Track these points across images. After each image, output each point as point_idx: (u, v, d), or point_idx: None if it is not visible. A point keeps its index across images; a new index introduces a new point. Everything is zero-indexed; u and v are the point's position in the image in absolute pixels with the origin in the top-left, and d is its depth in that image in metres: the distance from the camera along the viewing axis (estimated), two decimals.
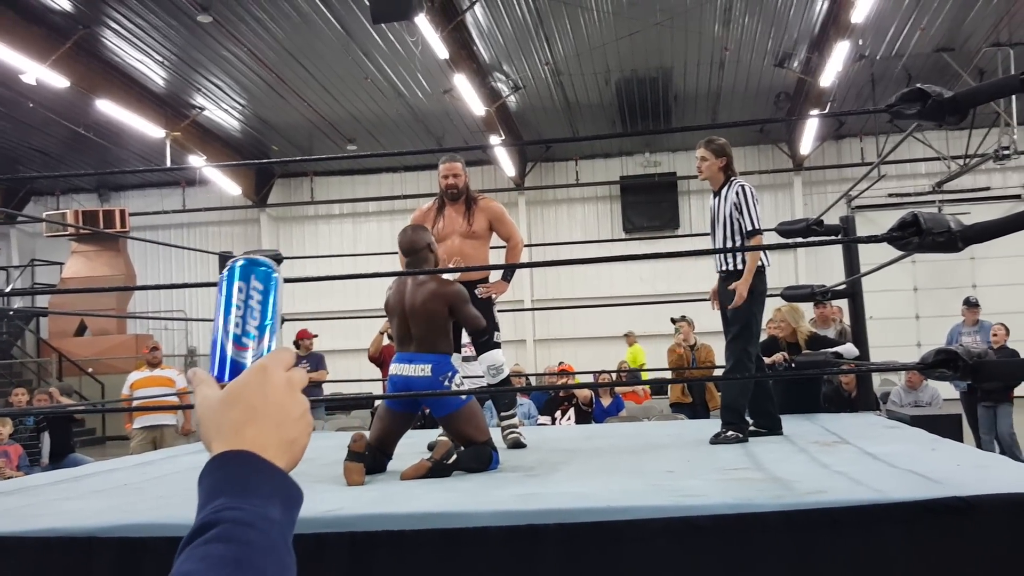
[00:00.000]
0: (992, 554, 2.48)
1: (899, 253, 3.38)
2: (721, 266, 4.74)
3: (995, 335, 8.91)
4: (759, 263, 4.57)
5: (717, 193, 4.74)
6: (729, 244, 4.65)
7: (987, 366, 2.88)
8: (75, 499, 3.47)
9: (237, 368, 0.86)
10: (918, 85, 2.88)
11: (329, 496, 3.14)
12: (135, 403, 8.14)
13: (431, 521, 2.70)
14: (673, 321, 8.49)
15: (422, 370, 3.87)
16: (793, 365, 5.82)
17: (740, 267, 4.61)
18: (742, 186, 4.62)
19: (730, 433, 4.40)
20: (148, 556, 2.68)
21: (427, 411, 5.51)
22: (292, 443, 0.83)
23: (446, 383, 3.86)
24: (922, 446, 3.92)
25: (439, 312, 3.92)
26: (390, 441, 3.97)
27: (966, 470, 3.12)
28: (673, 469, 3.49)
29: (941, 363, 2.87)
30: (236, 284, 0.88)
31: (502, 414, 4.79)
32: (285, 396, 0.84)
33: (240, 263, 0.89)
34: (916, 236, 2.85)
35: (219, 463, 0.79)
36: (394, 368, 3.98)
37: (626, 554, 2.59)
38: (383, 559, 2.67)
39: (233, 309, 0.87)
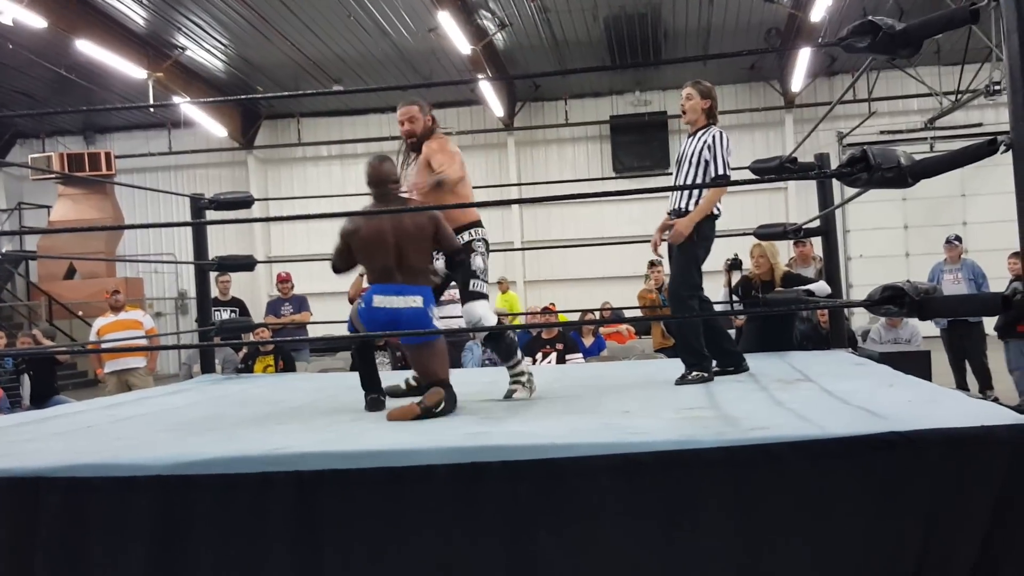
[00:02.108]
0: (928, 487, 2.50)
1: (857, 191, 3.36)
2: (675, 205, 4.58)
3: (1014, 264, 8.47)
4: (714, 210, 4.48)
5: (692, 135, 4.64)
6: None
7: (933, 302, 2.88)
8: (35, 440, 3.48)
9: None
10: (869, 18, 2.83)
11: (280, 436, 3.17)
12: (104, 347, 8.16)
13: (376, 459, 2.72)
14: (652, 265, 8.45)
15: (413, 301, 3.76)
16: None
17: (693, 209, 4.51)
18: (720, 132, 4.51)
19: (694, 374, 4.39)
20: (94, 497, 2.70)
21: None
22: None
23: (431, 314, 3.83)
24: (881, 382, 3.93)
25: (427, 231, 3.82)
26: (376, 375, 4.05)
27: (916, 406, 3.13)
28: (630, 409, 3.51)
29: (887, 300, 2.87)
30: None
31: (507, 365, 4.41)
32: None
33: None
34: (865, 172, 2.82)
35: None
36: (378, 300, 3.77)
37: (568, 490, 2.62)
38: (329, 497, 2.69)
39: None
